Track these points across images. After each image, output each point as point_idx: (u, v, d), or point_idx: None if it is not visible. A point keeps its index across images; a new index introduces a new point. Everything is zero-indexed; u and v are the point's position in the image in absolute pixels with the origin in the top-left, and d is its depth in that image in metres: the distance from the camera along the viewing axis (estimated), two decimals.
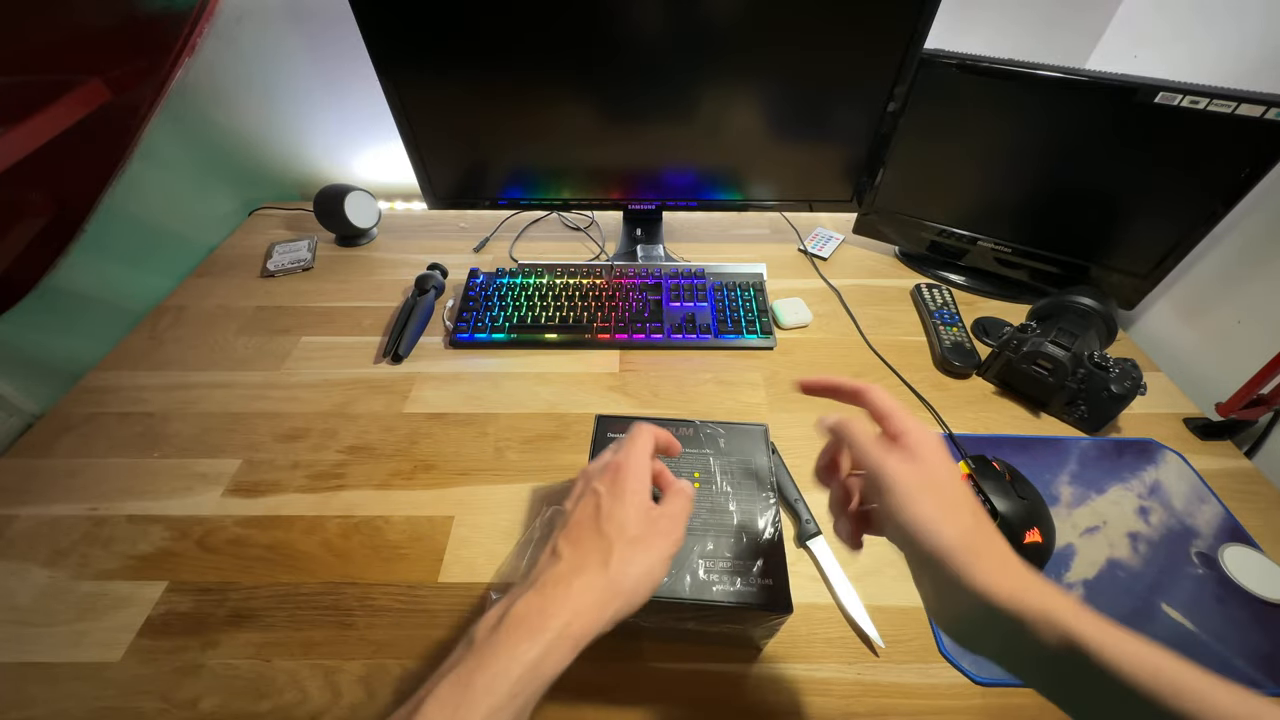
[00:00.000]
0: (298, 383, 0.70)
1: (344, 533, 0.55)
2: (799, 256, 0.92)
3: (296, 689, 0.45)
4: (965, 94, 0.71)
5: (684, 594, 0.39)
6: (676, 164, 0.79)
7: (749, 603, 0.39)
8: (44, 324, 0.69)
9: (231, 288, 0.83)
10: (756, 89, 0.72)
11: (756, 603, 0.39)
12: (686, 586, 0.39)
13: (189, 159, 0.89)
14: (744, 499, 0.44)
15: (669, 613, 0.41)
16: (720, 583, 0.40)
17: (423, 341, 0.75)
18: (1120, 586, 0.52)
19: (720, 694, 0.46)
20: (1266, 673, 0.47)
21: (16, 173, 0.61)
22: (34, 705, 0.44)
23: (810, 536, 0.54)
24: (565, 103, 0.72)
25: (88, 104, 0.68)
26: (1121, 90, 0.64)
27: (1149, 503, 0.59)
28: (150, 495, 0.58)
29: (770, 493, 0.45)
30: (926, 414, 0.67)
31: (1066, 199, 0.75)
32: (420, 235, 0.95)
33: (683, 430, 0.49)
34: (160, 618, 0.49)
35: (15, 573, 0.52)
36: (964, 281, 0.86)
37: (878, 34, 0.66)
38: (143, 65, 0.75)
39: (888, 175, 0.82)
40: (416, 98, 0.71)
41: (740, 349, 0.75)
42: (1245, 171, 0.62)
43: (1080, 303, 0.69)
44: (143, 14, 0.73)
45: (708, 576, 0.40)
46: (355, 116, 0.92)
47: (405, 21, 0.64)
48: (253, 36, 0.83)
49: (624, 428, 0.48)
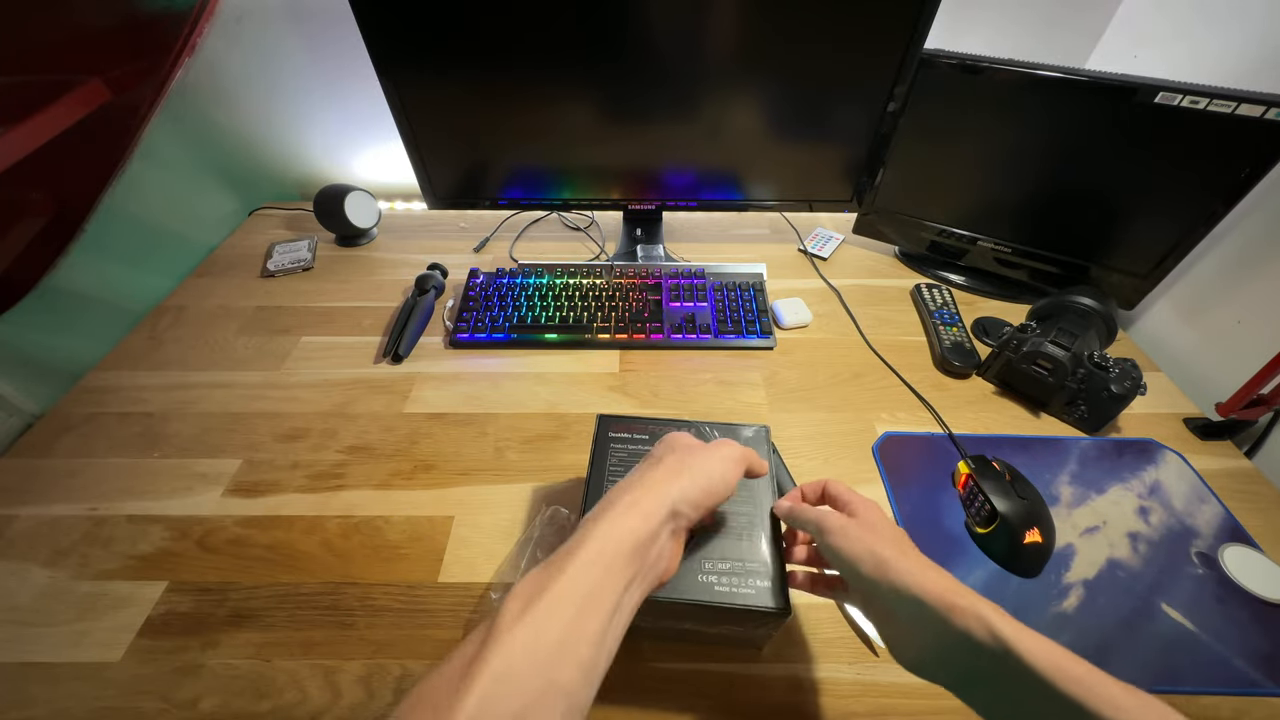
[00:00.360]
0: (298, 383, 0.70)
1: (344, 533, 0.55)
2: (799, 256, 0.92)
3: (296, 689, 0.45)
4: (965, 94, 0.71)
5: (683, 595, 0.39)
6: (676, 164, 0.79)
7: (748, 605, 0.39)
8: (44, 324, 0.69)
9: (231, 288, 0.83)
10: (756, 89, 0.72)
11: (755, 605, 0.39)
12: (686, 587, 0.39)
13: (189, 159, 0.89)
14: (744, 499, 0.44)
15: (669, 614, 0.41)
16: (720, 584, 0.40)
17: (423, 341, 0.75)
18: (1120, 586, 0.52)
19: (720, 694, 0.46)
20: (1266, 673, 0.47)
21: (16, 173, 0.61)
22: (34, 705, 0.44)
23: None
24: (565, 102, 0.72)
25: (88, 104, 0.68)
26: (1121, 90, 0.64)
27: (1149, 503, 0.59)
28: (150, 495, 0.58)
29: (771, 494, 0.45)
30: (926, 414, 0.67)
31: (1066, 199, 0.75)
32: (420, 235, 0.95)
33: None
34: (160, 618, 0.49)
35: (15, 573, 0.52)
36: (964, 281, 0.86)
37: (878, 34, 0.66)
38: (143, 65, 0.75)
39: (888, 175, 0.82)
40: (416, 98, 0.71)
41: (740, 349, 0.75)
42: (1245, 171, 0.62)
43: (1080, 303, 0.69)
44: (143, 14, 0.73)
45: (707, 578, 0.40)
46: (355, 116, 0.92)
47: (405, 21, 0.64)
48: (253, 36, 0.83)
49: (627, 428, 0.48)
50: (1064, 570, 0.53)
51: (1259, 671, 0.47)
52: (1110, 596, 0.51)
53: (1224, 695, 0.46)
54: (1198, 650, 0.48)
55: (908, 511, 0.57)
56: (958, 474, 0.59)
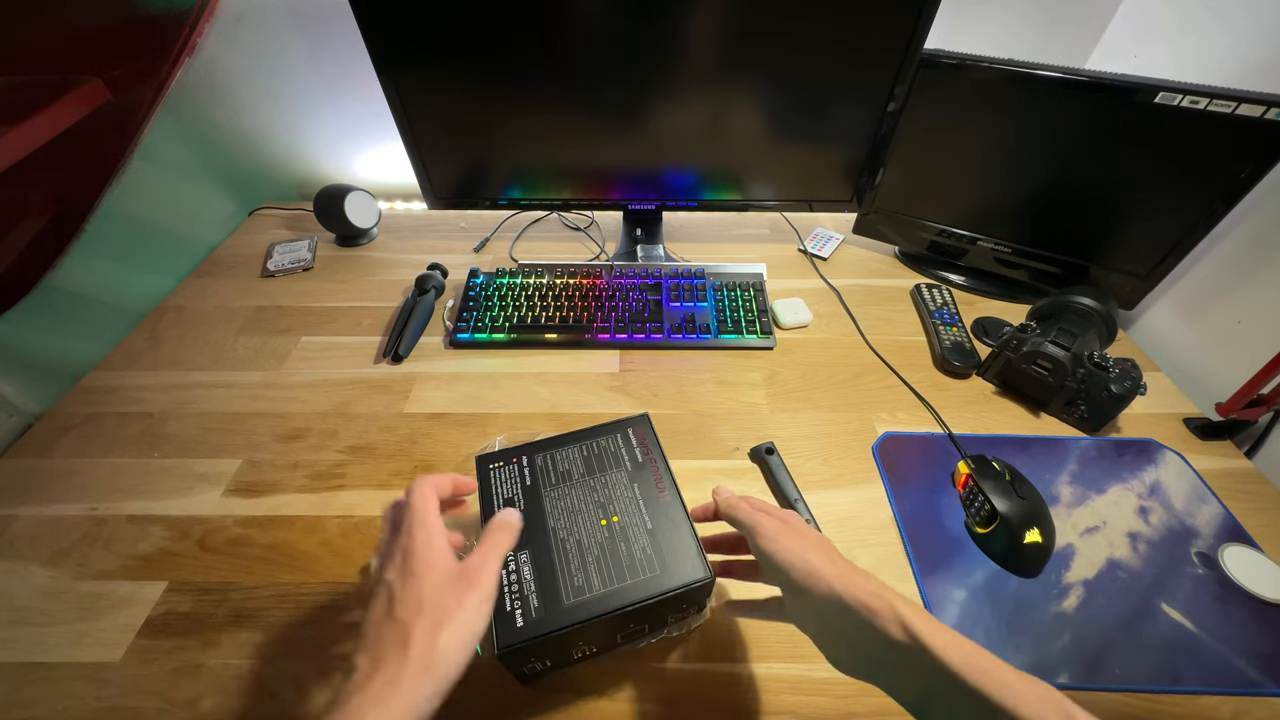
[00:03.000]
0: (298, 383, 0.70)
1: (344, 533, 0.55)
2: (799, 256, 0.92)
3: (296, 689, 0.45)
4: (965, 94, 0.71)
5: (583, 615, 0.38)
6: (676, 164, 0.79)
7: (658, 591, 0.39)
8: (44, 324, 0.69)
9: (231, 288, 0.83)
10: (757, 89, 0.72)
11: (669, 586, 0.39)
12: (576, 607, 0.38)
13: (189, 159, 0.89)
14: (641, 493, 0.44)
15: (584, 639, 0.41)
16: (617, 581, 0.40)
17: (423, 341, 0.75)
18: (1120, 586, 0.52)
19: (720, 694, 0.46)
20: (1266, 673, 0.47)
21: (16, 173, 0.61)
22: (34, 705, 0.44)
23: None
24: (565, 102, 0.72)
25: (88, 104, 0.68)
26: (1121, 90, 0.64)
27: (1149, 503, 0.59)
28: (150, 495, 0.58)
29: (644, 472, 0.45)
30: (926, 414, 0.67)
31: (1066, 199, 0.75)
32: (420, 235, 0.95)
33: (565, 447, 0.48)
34: (160, 618, 0.49)
35: (15, 573, 0.52)
36: (964, 281, 0.86)
37: (878, 34, 0.66)
38: (143, 65, 0.75)
39: (888, 175, 0.82)
40: (416, 98, 0.71)
41: (740, 349, 0.75)
42: (1245, 171, 0.62)
43: (1080, 303, 0.69)
44: (143, 14, 0.73)
45: (603, 585, 0.39)
46: (355, 116, 0.92)
47: (405, 21, 0.64)
48: (252, 36, 0.83)
49: (507, 459, 0.46)
50: (1064, 570, 0.53)
51: (1259, 671, 0.47)
52: (1110, 596, 0.51)
53: (1224, 695, 0.46)
54: (1198, 650, 0.48)
55: (907, 511, 0.57)
56: (958, 474, 0.59)
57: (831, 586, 0.33)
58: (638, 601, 0.39)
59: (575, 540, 0.41)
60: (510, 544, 0.35)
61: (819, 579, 0.33)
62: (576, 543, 0.41)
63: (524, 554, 0.41)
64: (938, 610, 0.50)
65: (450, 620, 0.29)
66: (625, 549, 0.41)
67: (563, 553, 0.41)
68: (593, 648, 0.44)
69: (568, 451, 0.47)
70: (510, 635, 0.37)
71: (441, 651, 0.28)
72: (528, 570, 0.40)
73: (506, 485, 0.44)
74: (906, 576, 0.53)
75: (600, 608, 0.38)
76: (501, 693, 0.44)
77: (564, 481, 0.45)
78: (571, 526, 0.42)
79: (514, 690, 0.44)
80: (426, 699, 0.27)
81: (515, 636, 0.37)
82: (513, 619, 0.38)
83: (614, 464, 0.46)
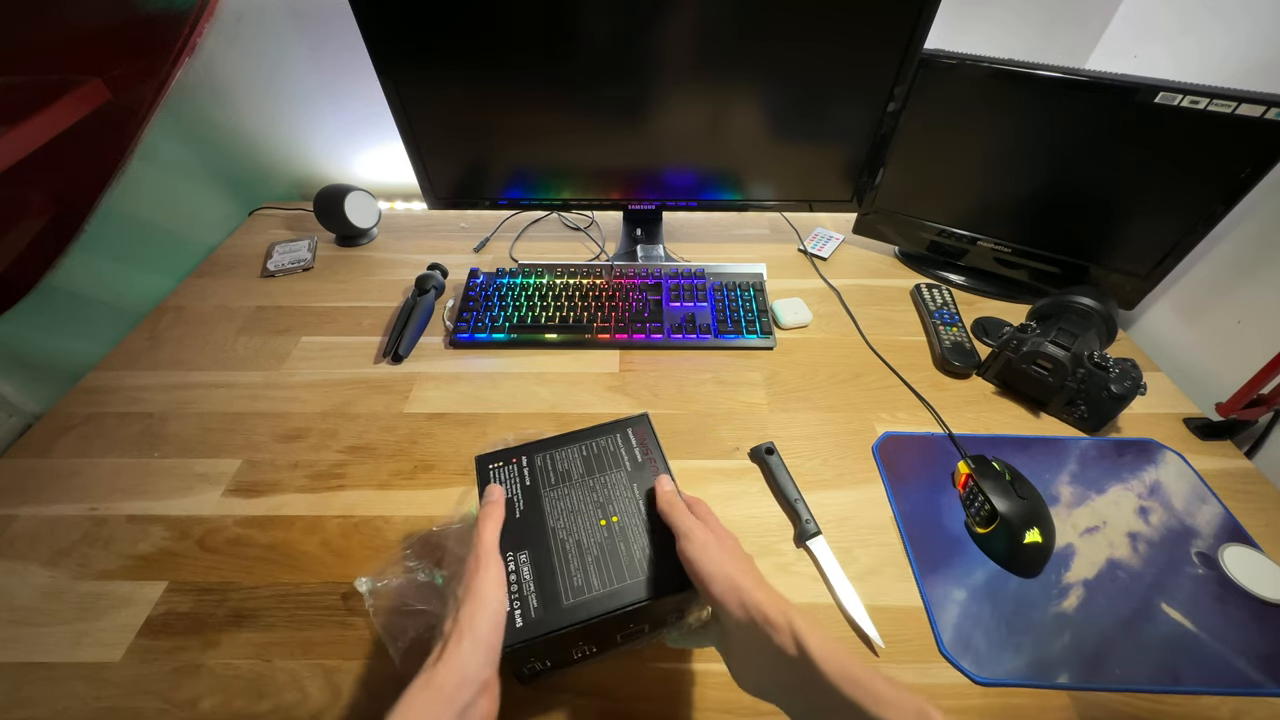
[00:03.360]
0: (298, 383, 0.70)
1: (344, 533, 0.55)
2: (799, 256, 0.92)
3: (296, 689, 0.45)
4: (965, 94, 0.71)
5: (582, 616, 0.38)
6: (676, 164, 0.79)
7: (655, 592, 0.39)
8: (44, 324, 0.69)
9: (231, 288, 0.83)
10: (756, 89, 0.72)
11: (661, 588, 0.39)
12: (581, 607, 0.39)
13: (189, 159, 0.89)
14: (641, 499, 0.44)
15: (584, 640, 0.41)
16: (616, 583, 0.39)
17: (423, 341, 0.75)
18: (1120, 586, 0.52)
19: (720, 694, 0.46)
20: (1266, 673, 0.47)
21: (16, 173, 0.61)
22: (34, 705, 0.44)
23: (810, 536, 0.54)
24: (566, 102, 0.72)
25: (88, 104, 0.68)
26: (1121, 90, 0.64)
27: (1149, 503, 0.59)
28: (150, 495, 0.58)
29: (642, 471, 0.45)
30: (926, 414, 0.67)
31: (1066, 199, 0.75)
32: (420, 235, 0.95)
33: (564, 447, 0.47)
34: (160, 618, 0.49)
35: (15, 573, 0.52)
36: (964, 281, 0.86)
37: (878, 34, 0.66)
38: (143, 65, 0.76)
39: (888, 175, 0.82)
40: (416, 98, 0.71)
41: (740, 349, 0.75)
42: (1245, 171, 0.62)
43: (1080, 303, 0.69)
44: (143, 14, 0.73)
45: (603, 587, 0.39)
46: (355, 116, 0.92)
47: (405, 21, 0.64)
48: (253, 36, 0.83)
49: (506, 459, 0.46)
50: (1064, 570, 0.53)
51: (1259, 671, 0.47)
52: (1110, 596, 0.51)
53: (1224, 695, 0.46)
54: (1198, 650, 0.48)
55: (908, 511, 0.57)
56: (958, 474, 0.59)
57: (742, 600, 0.33)
58: (638, 601, 0.39)
59: (575, 540, 0.41)
60: (500, 514, 0.40)
61: (734, 593, 0.34)
62: (576, 543, 0.41)
63: (524, 554, 0.40)
64: (938, 610, 0.50)
65: (469, 614, 0.34)
66: (625, 549, 0.41)
67: (562, 553, 0.41)
68: (592, 648, 0.44)
69: (567, 451, 0.47)
70: (510, 635, 0.37)
71: (465, 652, 0.33)
72: (527, 571, 0.40)
73: (506, 485, 0.44)
74: (906, 576, 0.53)
75: (600, 608, 0.38)
76: (501, 693, 0.44)
77: (563, 482, 0.45)
78: (571, 527, 0.42)
79: (514, 690, 0.44)
80: (453, 691, 0.32)
81: (515, 637, 0.37)
82: (512, 619, 0.37)
83: (613, 464, 0.46)
